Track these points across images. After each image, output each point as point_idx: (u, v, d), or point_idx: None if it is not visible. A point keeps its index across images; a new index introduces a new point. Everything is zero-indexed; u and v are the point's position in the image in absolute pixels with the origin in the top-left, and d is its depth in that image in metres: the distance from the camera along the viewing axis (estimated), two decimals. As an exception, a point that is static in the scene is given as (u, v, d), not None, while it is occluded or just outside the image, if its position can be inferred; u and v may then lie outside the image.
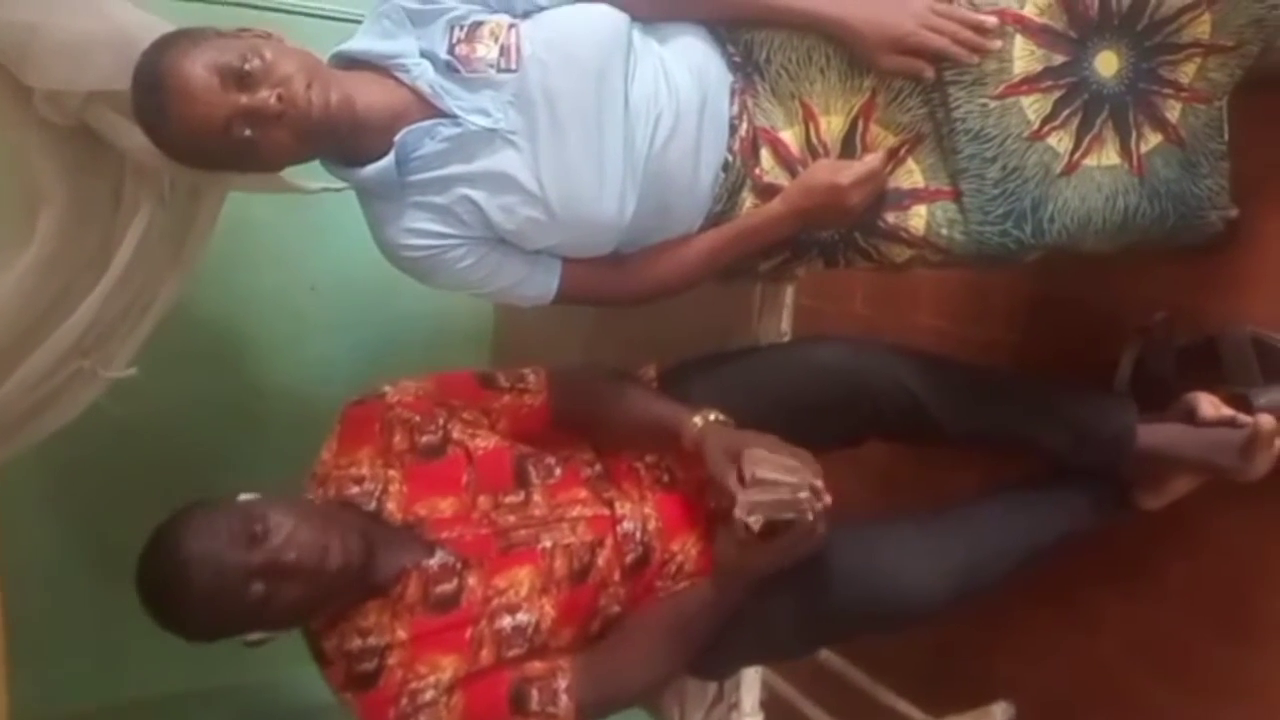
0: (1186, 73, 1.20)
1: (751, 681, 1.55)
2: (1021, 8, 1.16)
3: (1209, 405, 1.32)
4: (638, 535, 1.26)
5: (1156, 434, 1.34)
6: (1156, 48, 1.18)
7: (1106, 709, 1.61)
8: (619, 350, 1.52)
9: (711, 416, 1.23)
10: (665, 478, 1.34)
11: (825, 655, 1.80)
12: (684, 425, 1.23)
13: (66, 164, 1.30)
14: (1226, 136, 1.23)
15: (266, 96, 1.08)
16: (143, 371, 1.42)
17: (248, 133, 1.09)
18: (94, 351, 1.40)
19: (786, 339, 1.56)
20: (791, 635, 1.32)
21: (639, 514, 1.28)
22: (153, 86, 1.11)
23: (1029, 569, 1.39)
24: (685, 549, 1.29)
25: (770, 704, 1.64)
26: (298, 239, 1.90)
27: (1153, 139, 1.22)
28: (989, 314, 1.78)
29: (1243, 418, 1.28)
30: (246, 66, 1.08)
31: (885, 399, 1.32)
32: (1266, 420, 1.26)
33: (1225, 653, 1.44)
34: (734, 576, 1.22)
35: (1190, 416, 1.33)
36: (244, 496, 1.17)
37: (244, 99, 1.08)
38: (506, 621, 1.18)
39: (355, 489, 1.23)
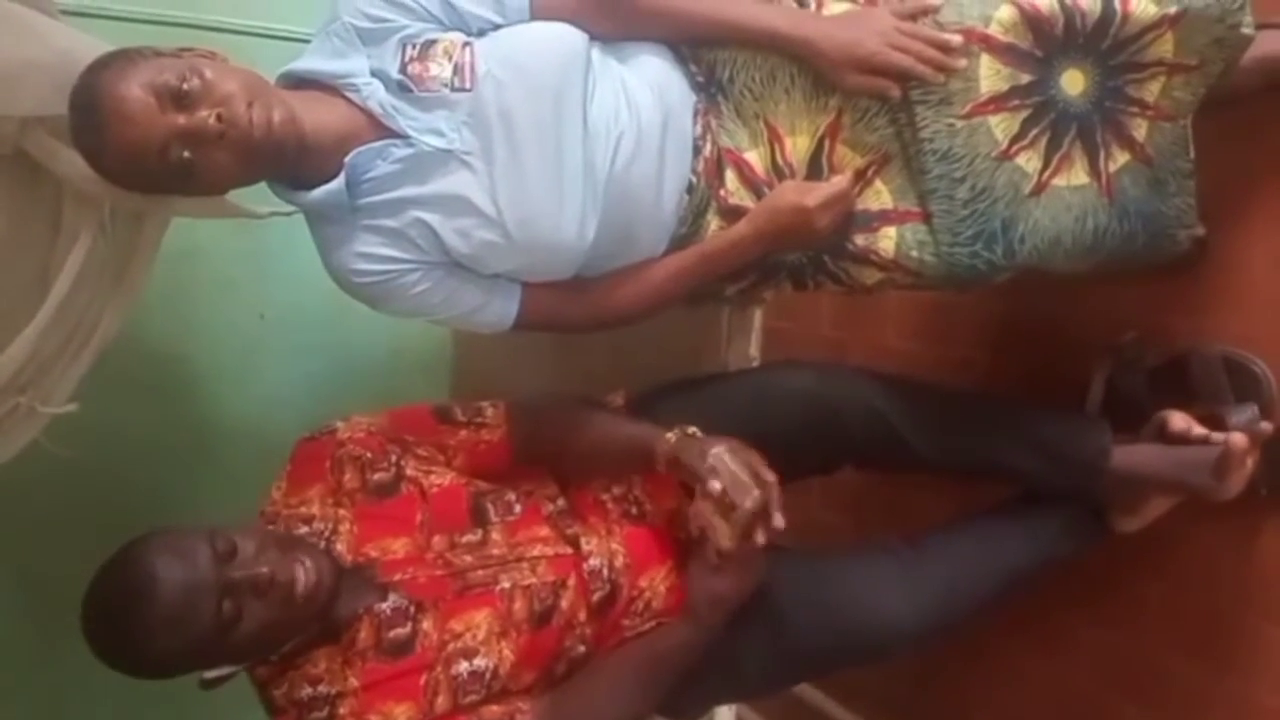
0: (1152, 91, 1.20)
1: (724, 719, 1.51)
2: (987, 27, 1.15)
3: (1180, 420, 1.31)
4: (604, 572, 1.22)
5: (1130, 455, 1.32)
6: (1121, 66, 1.18)
7: (1085, 736, 1.59)
8: (584, 377, 1.49)
9: (690, 430, 1.20)
10: (633, 510, 1.30)
11: (800, 686, 1.77)
12: (657, 441, 1.20)
13: (2, 192, 1.25)
14: (1192, 155, 1.23)
15: (205, 116, 1.04)
16: (83, 406, 1.36)
17: (186, 154, 1.05)
18: (31, 387, 1.34)
19: (755, 363, 1.53)
20: (764, 673, 1.28)
21: (605, 550, 1.24)
22: (89, 108, 1.07)
23: (1006, 597, 1.37)
24: (653, 585, 1.25)
25: (743, 738, 1.60)
26: (245, 265, 1.85)
27: (1121, 157, 1.21)
28: (959, 334, 1.77)
29: (1216, 435, 1.27)
30: (185, 86, 1.04)
31: (857, 424, 1.29)
32: (1238, 439, 1.25)
33: (1201, 674, 1.43)
34: (709, 610, 1.18)
35: (1162, 433, 1.32)
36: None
37: (182, 119, 1.04)
38: (463, 667, 1.13)
39: (304, 529, 1.18)
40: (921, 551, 1.34)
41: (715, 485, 1.10)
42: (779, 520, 1.10)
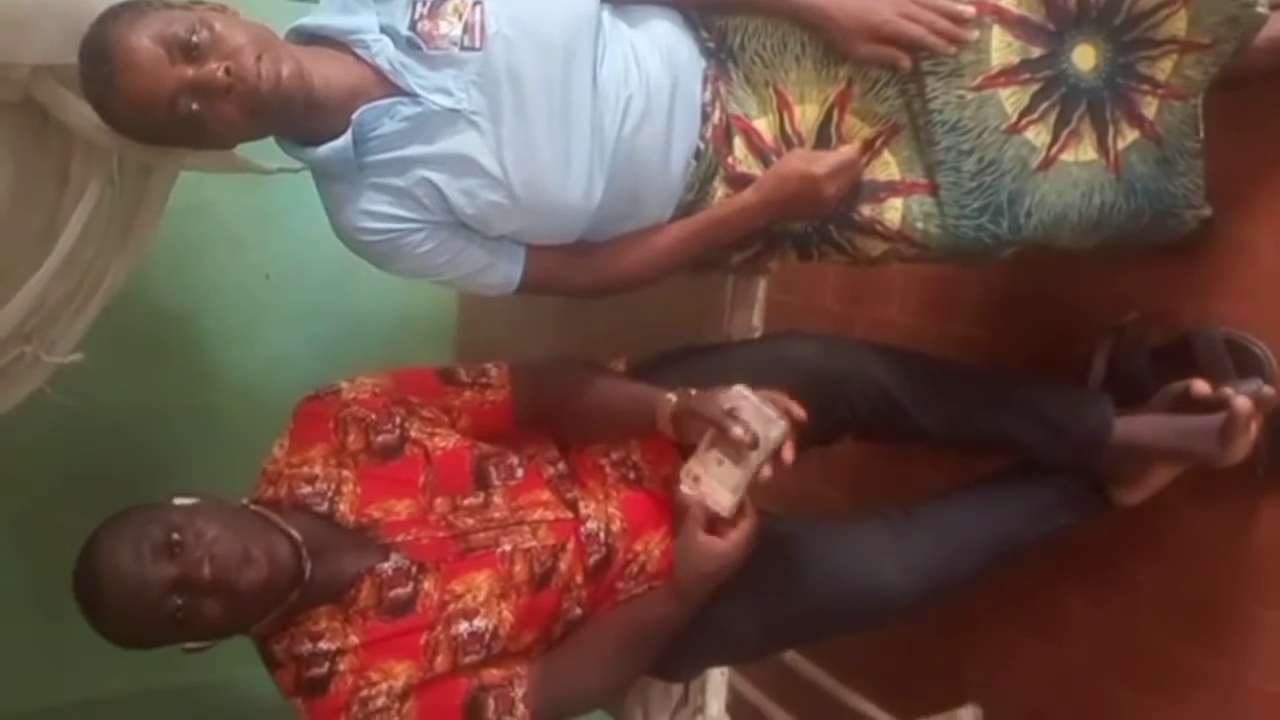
0: (1163, 69, 1.20)
1: (718, 685, 1.52)
2: (1000, -2, 1.14)
3: (1201, 384, 1.29)
4: (601, 536, 1.23)
5: (1133, 424, 1.32)
6: (1134, 43, 1.18)
7: (1075, 713, 1.60)
8: (586, 343, 1.49)
9: (693, 392, 1.20)
10: (631, 475, 1.31)
11: (793, 658, 1.78)
12: (658, 401, 1.21)
13: (12, 140, 1.26)
14: (1202, 135, 1.23)
15: (214, 69, 1.04)
16: (89, 361, 1.37)
17: (195, 106, 1.05)
18: (36, 336, 1.34)
19: (758, 334, 1.53)
20: (757, 636, 1.29)
21: (603, 513, 1.25)
22: (98, 58, 1.07)
23: (1001, 568, 1.38)
24: (648, 549, 1.26)
25: (736, 708, 1.61)
26: (252, 224, 1.85)
27: (1129, 135, 1.21)
28: (962, 311, 1.77)
29: (1225, 391, 1.26)
30: (194, 38, 1.04)
31: (859, 395, 1.29)
32: (1243, 402, 1.24)
33: (1194, 657, 1.44)
34: (695, 586, 1.18)
35: (1178, 403, 1.31)
36: (180, 500, 1.10)
37: (191, 71, 1.04)
38: (463, 627, 1.14)
39: (307, 489, 1.18)
40: (916, 518, 1.34)
41: (738, 431, 1.10)
42: (789, 454, 1.11)
